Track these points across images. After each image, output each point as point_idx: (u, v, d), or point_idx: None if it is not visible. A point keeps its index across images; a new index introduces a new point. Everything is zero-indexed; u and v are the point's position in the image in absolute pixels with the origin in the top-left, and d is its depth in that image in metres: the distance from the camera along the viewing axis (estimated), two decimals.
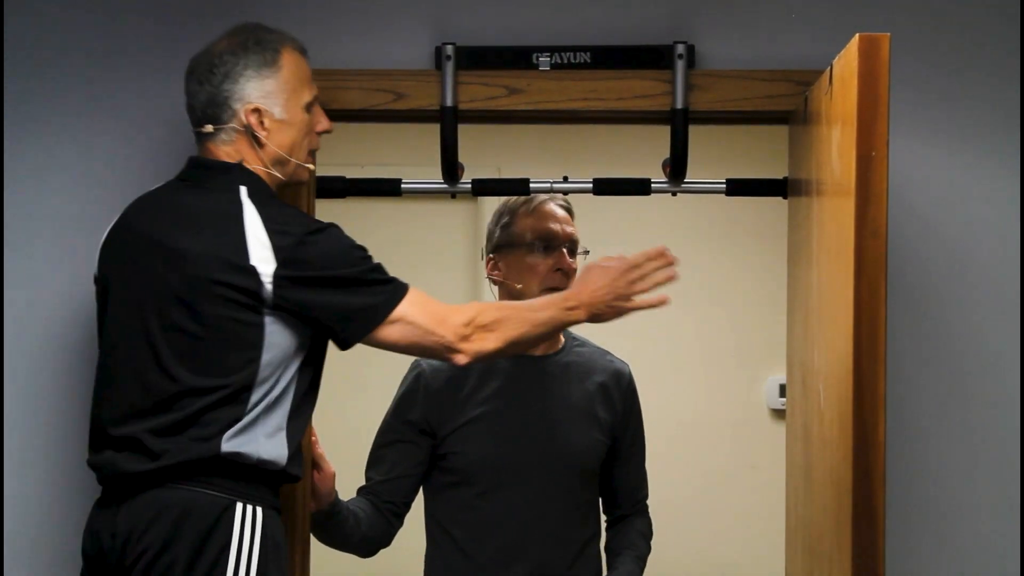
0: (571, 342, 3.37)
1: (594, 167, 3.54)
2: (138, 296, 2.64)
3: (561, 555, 3.27)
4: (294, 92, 2.72)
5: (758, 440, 4.87)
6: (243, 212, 2.62)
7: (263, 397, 2.61)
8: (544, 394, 3.29)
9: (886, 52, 2.50)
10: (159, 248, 2.64)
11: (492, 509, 3.25)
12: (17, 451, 3.11)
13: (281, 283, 2.58)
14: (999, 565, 3.11)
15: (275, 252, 2.59)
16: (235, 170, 2.68)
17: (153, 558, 2.56)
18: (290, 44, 2.74)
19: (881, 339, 2.51)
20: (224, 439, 2.58)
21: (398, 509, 3.29)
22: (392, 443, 3.30)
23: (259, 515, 2.61)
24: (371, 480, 3.30)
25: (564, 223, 3.31)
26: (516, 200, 3.32)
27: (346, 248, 2.65)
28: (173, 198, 2.70)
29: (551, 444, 3.26)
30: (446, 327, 2.68)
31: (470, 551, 3.26)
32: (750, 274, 5.00)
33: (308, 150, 2.77)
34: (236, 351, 2.59)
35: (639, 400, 3.40)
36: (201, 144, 2.72)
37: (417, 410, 3.27)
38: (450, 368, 3.22)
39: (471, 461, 3.25)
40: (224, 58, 2.69)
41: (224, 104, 2.68)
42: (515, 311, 2.76)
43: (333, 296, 2.62)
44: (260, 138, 2.69)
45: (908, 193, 3.08)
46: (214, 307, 2.58)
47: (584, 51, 3.12)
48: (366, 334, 2.65)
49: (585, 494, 3.31)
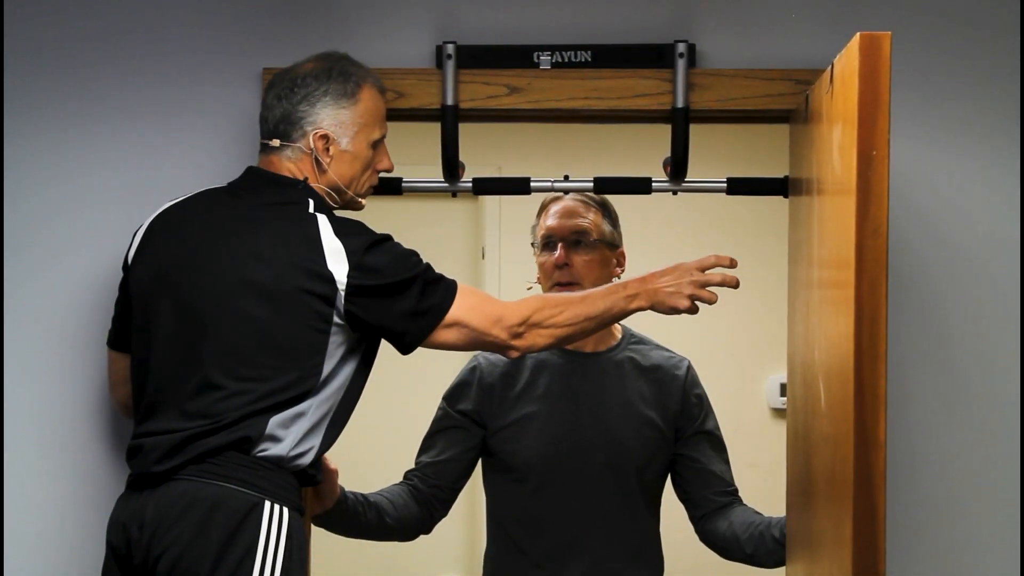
0: (627, 338, 3.37)
1: (595, 166, 3.54)
2: (198, 290, 2.68)
3: (618, 552, 3.27)
4: (365, 127, 2.81)
5: (758, 439, 4.88)
6: (317, 222, 2.69)
7: (315, 404, 2.67)
8: (597, 391, 3.30)
9: (887, 51, 2.50)
10: (232, 246, 2.69)
11: (546, 506, 3.27)
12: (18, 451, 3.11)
13: (352, 290, 2.65)
14: (999, 565, 3.10)
15: (348, 256, 2.67)
16: (302, 185, 2.76)
17: (180, 553, 2.58)
18: (371, 81, 2.83)
19: (882, 338, 2.50)
20: (268, 427, 2.62)
21: (444, 495, 3.30)
22: (444, 429, 3.33)
23: (286, 515, 2.63)
24: (420, 463, 3.32)
25: (568, 216, 3.31)
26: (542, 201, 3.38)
27: (406, 256, 2.73)
28: (235, 201, 2.76)
29: (603, 442, 3.27)
30: (500, 327, 2.75)
31: (526, 547, 3.28)
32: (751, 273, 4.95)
33: (367, 185, 2.86)
34: (303, 358, 2.65)
35: (704, 394, 3.38)
36: (264, 155, 2.80)
37: (470, 401, 3.31)
38: (505, 363, 3.31)
39: (523, 459, 3.27)
40: (307, 80, 2.78)
41: (297, 124, 2.77)
42: (571, 305, 2.81)
43: (397, 302, 2.69)
44: (323, 164, 2.77)
45: (909, 192, 3.08)
46: (292, 314, 2.64)
47: (585, 50, 3.12)
48: (427, 335, 2.73)
49: (642, 491, 3.30)
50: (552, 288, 3.30)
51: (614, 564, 3.27)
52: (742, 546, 3.24)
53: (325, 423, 2.71)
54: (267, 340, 2.64)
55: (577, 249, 3.31)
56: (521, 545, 3.29)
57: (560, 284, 3.28)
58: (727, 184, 3.22)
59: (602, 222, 3.33)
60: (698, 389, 3.38)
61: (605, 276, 3.33)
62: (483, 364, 3.35)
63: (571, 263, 3.29)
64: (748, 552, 3.25)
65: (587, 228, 3.31)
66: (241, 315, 2.65)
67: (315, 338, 2.65)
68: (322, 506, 3.12)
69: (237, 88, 3.06)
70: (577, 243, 3.31)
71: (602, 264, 3.31)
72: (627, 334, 3.39)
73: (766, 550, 3.22)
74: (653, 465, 3.31)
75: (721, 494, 3.33)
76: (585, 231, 3.31)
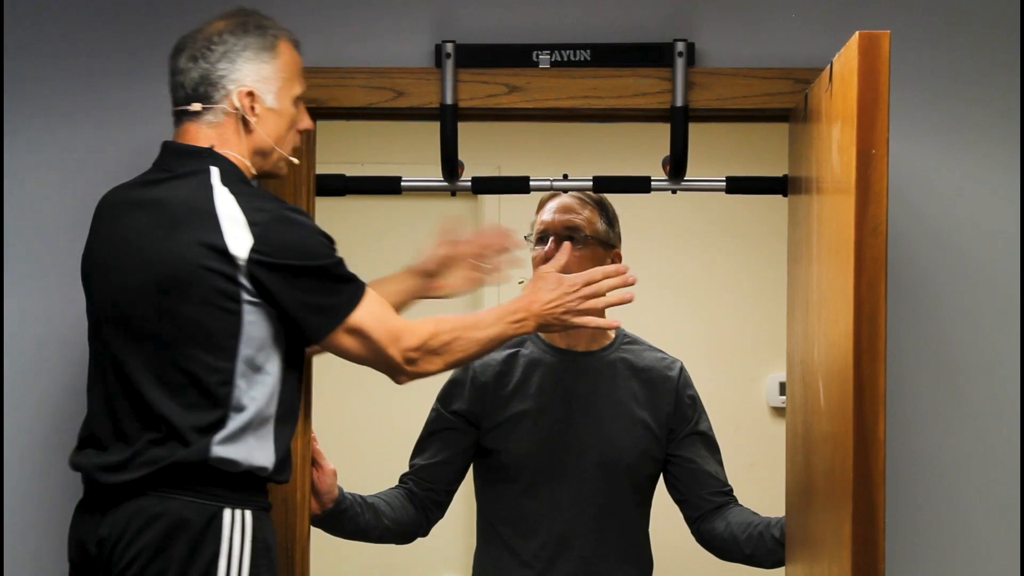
0: (620, 338, 3.37)
1: (594, 165, 3.54)
2: (116, 299, 2.60)
3: (608, 552, 3.27)
4: (287, 82, 2.69)
5: (758, 438, 4.88)
6: (214, 195, 2.57)
7: (249, 397, 2.56)
8: (589, 391, 3.30)
9: (886, 49, 2.50)
10: (134, 250, 2.59)
11: (536, 506, 3.27)
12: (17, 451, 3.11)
13: (255, 264, 2.53)
14: (999, 565, 3.10)
15: (250, 227, 2.54)
16: (205, 154, 2.62)
17: (141, 569, 2.53)
18: (286, 35, 2.71)
19: (881, 337, 2.50)
20: (215, 443, 2.54)
21: (439, 497, 3.30)
22: (438, 431, 3.33)
23: (248, 518, 2.56)
24: (415, 466, 3.32)
25: (562, 212, 3.31)
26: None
27: (317, 238, 2.61)
28: (144, 194, 2.64)
29: (594, 442, 3.27)
30: (397, 348, 2.64)
31: (516, 547, 3.28)
32: (750, 272, 5.00)
33: (291, 145, 2.73)
34: (216, 347, 2.54)
35: (697, 395, 3.38)
36: (180, 125, 2.67)
37: (464, 401, 3.31)
38: (499, 362, 3.30)
39: (514, 458, 3.27)
40: (224, 37, 2.65)
41: (218, 83, 2.63)
42: (465, 331, 2.72)
43: (301, 290, 2.57)
44: (249, 123, 2.65)
45: (908, 191, 3.08)
46: (193, 303, 2.53)
47: (584, 49, 3.11)
48: (330, 330, 2.60)
49: (632, 491, 3.30)
50: None
51: (603, 564, 3.27)
52: (741, 546, 3.24)
53: (270, 423, 2.59)
54: (184, 332, 2.53)
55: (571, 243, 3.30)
56: (510, 544, 3.29)
57: None
58: (726, 183, 3.22)
59: (597, 220, 3.33)
60: (691, 390, 3.38)
61: None
62: (476, 363, 3.34)
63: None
64: (747, 552, 3.25)
65: (580, 224, 3.31)
66: (157, 312, 2.55)
67: (226, 319, 2.53)
68: (320, 507, 3.11)
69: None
70: (570, 239, 3.30)
71: (594, 262, 3.30)
72: (620, 334, 3.39)
73: (765, 550, 3.21)
74: (644, 465, 3.31)
75: (717, 494, 3.33)
76: (578, 227, 3.30)
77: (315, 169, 3.15)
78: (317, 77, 3.09)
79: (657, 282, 4.90)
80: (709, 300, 5.05)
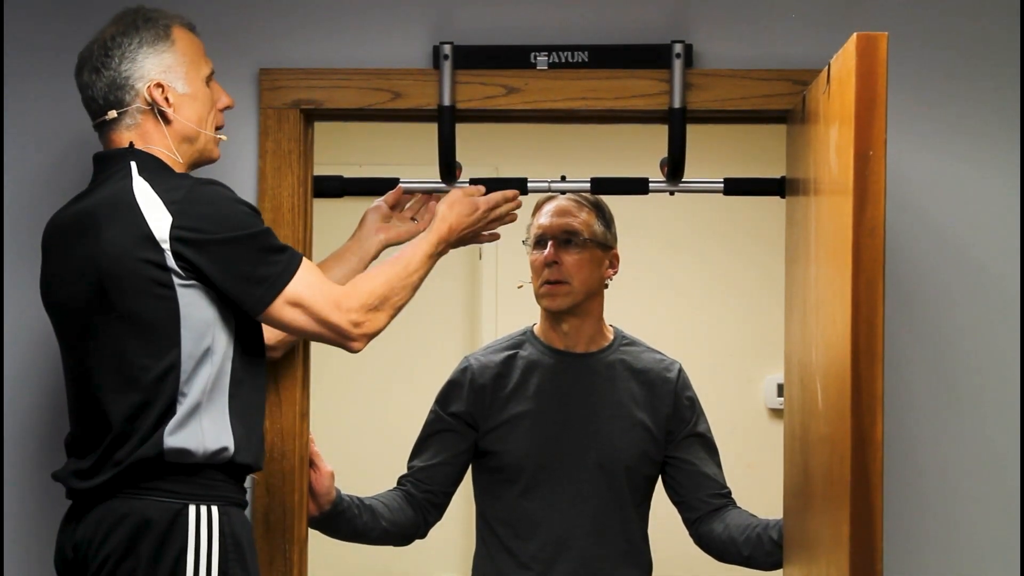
0: (619, 340, 3.38)
1: (592, 166, 3.54)
2: (68, 311, 2.63)
3: (607, 553, 3.27)
4: (192, 65, 2.70)
5: (756, 439, 4.88)
6: (133, 187, 2.58)
7: (195, 381, 2.56)
8: (588, 392, 3.30)
9: (884, 51, 2.50)
10: (74, 263, 2.61)
11: (535, 507, 3.27)
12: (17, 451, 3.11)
13: (177, 241, 2.53)
14: (999, 565, 3.10)
15: (167, 207, 2.55)
16: (127, 152, 2.64)
17: (112, 570, 2.55)
18: (178, 20, 2.72)
19: (879, 338, 2.50)
20: (166, 435, 2.54)
21: (437, 499, 3.30)
22: (437, 432, 3.33)
23: (215, 514, 2.57)
24: (413, 468, 3.32)
25: (560, 215, 3.33)
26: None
27: (238, 207, 2.60)
28: (76, 208, 2.67)
29: (593, 443, 3.27)
30: (340, 313, 2.63)
31: (515, 548, 3.28)
32: (748, 273, 5.00)
33: (214, 125, 2.74)
34: (159, 337, 2.55)
35: (695, 397, 3.38)
36: (104, 136, 2.70)
37: (462, 403, 3.31)
38: (497, 364, 3.30)
39: (513, 459, 3.27)
40: (117, 40, 2.66)
41: (125, 85, 2.66)
42: (398, 279, 2.72)
43: (231, 262, 2.56)
44: (167, 114, 2.66)
45: (906, 192, 3.08)
46: (129, 295, 2.54)
47: (582, 50, 3.12)
48: (269, 302, 2.58)
49: (631, 492, 3.30)
50: (542, 286, 3.31)
51: (602, 565, 3.27)
52: (739, 548, 3.24)
53: (223, 404, 2.58)
54: (127, 327, 2.54)
55: (567, 248, 3.32)
56: (509, 545, 3.29)
57: (549, 282, 3.30)
58: (724, 184, 3.22)
59: (594, 222, 3.33)
60: (689, 392, 3.38)
61: (596, 276, 3.33)
62: (474, 365, 3.35)
63: (561, 261, 3.30)
64: (745, 554, 3.25)
65: (578, 227, 3.31)
66: (101, 313, 2.57)
67: (164, 306, 2.54)
68: (318, 508, 3.12)
69: (234, 88, 3.04)
70: (568, 242, 3.31)
71: (592, 264, 3.32)
72: (618, 336, 3.39)
73: (763, 552, 3.21)
74: (643, 466, 3.31)
75: (715, 496, 3.33)
76: (576, 230, 3.31)
77: (313, 170, 3.15)
78: (315, 78, 3.09)
79: (655, 284, 4.90)
80: (707, 301, 5.05)
